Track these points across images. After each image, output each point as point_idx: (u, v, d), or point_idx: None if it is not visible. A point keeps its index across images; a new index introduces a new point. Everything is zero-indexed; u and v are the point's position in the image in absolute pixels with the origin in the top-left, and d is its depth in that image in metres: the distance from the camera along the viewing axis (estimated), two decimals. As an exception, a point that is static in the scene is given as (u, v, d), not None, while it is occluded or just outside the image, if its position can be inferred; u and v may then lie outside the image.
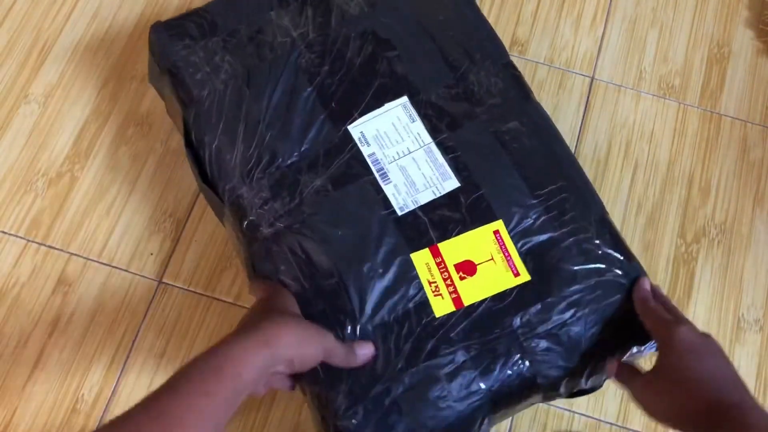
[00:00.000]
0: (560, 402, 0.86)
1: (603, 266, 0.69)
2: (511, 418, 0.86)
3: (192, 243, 0.93)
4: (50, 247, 0.93)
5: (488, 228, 0.69)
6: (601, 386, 0.73)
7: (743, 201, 0.97)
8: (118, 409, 0.86)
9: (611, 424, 0.86)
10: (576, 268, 0.68)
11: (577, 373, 0.68)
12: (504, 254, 0.68)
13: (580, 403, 0.87)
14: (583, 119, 1.01)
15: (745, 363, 0.90)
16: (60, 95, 1.01)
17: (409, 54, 0.76)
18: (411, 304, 0.67)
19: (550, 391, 0.68)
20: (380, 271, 0.68)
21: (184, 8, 1.05)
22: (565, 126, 1.00)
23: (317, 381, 0.66)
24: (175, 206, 0.95)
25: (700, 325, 0.91)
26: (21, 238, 0.93)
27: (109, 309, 0.90)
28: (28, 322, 0.90)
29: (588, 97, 1.02)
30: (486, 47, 0.77)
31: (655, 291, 0.68)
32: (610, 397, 0.88)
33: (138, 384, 0.87)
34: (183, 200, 0.95)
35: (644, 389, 0.62)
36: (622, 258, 0.69)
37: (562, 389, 0.69)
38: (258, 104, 0.74)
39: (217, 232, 0.94)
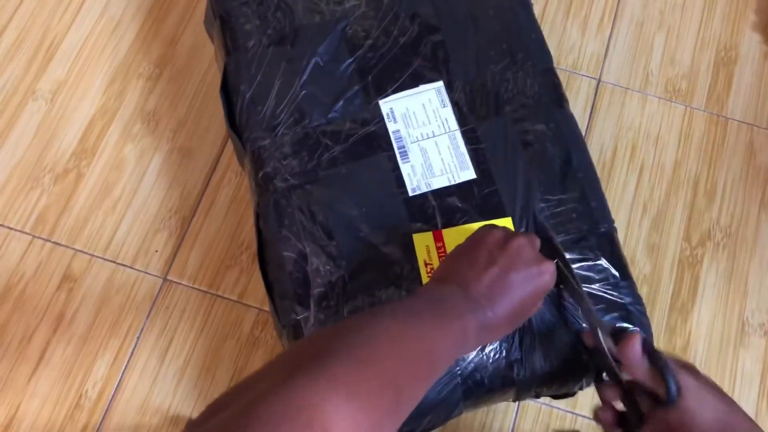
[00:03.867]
0: (562, 403, 0.86)
1: (595, 276, 0.69)
2: (512, 419, 0.86)
3: (197, 240, 0.93)
4: (56, 243, 0.93)
5: (496, 222, 0.69)
6: (575, 393, 0.72)
7: (749, 205, 0.97)
8: (122, 405, 0.86)
9: (614, 426, 0.86)
10: None
11: (552, 375, 0.67)
12: None
13: (582, 404, 0.87)
14: (589, 121, 1.01)
15: (749, 367, 0.90)
16: (67, 92, 1.01)
17: (453, 41, 0.77)
18: (403, 281, 0.68)
19: (523, 387, 0.68)
20: (380, 246, 0.69)
21: (191, 8, 1.06)
22: (571, 128, 1.00)
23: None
24: (181, 203, 0.95)
25: (704, 328, 0.91)
26: (27, 233, 0.94)
27: (114, 305, 0.91)
28: (33, 318, 0.90)
29: (594, 100, 1.02)
30: (531, 50, 0.78)
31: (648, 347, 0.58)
32: (613, 400, 0.87)
33: (142, 380, 0.87)
34: (188, 198, 0.96)
35: None
36: (617, 274, 0.69)
37: (535, 388, 0.68)
38: (297, 64, 0.76)
39: (222, 229, 0.94)
